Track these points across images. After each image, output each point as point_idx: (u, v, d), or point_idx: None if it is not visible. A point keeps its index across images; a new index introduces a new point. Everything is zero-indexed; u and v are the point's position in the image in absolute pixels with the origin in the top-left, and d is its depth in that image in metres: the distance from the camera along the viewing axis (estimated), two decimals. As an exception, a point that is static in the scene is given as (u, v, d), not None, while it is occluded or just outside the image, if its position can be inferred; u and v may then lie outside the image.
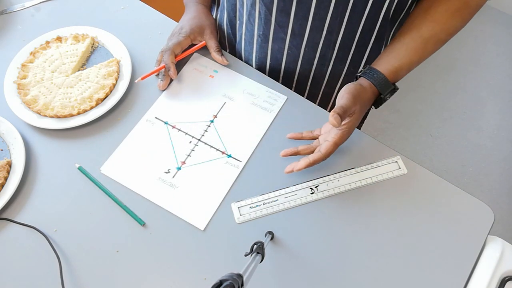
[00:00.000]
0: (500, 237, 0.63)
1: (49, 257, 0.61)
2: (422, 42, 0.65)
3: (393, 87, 0.65)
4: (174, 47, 0.74)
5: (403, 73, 0.66)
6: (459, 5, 0.63)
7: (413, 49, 0.65)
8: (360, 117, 0.64)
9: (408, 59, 0.65)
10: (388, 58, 0.66)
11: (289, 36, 0.71)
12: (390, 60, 0.65)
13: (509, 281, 0.59)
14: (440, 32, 0.64)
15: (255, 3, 0.69)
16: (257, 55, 0.79)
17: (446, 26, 0.64)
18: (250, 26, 0.74)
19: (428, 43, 0.65)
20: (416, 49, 0.65)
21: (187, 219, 0.64)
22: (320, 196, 0.66)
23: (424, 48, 0.65)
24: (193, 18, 0.77)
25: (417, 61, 0.66)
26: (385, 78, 0.65)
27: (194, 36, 0.76)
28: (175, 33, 0.76)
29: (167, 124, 0.72)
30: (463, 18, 0.65)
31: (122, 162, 0.69)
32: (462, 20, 0.65)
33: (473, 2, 0.63)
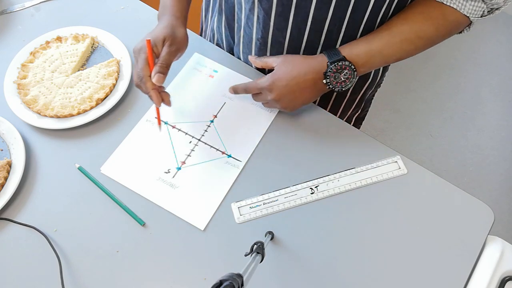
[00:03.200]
0: (500, 237, 0.63)
1: (49, 257, 0.61)
2: (388, 35, 0.65)
3: (342, 57, 0.64)
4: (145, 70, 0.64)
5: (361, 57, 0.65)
6: (436, 14, 0.63)
7: (376, 40, 0.65)
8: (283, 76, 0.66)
9: (367, 47, 0.65)
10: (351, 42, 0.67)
11: (287, 40, 0.71)
12: (350, 44, 0.66)
13: (509, 281, 0.59)
14: (408, 31, 0.64)
15: (253, 8, 0.68)
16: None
17: (415, 27, 0.64)
18: (248, 30, 0.74)
19: (394, 38, 0.64)
20: (380, 40, 0.65)
21: (187, 219, 0.64)
22: (320, 196, 0.66)
23: (388, 41, 0.64)
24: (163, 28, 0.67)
25: (379, 50, 0.65)
26: (337, 50, 0.65)
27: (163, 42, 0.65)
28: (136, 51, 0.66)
29: (167, 124, 0.72)
30: (437, 27, 0.64)
31: (122, 162, 0.69)
32: (435, 28, 0.64)
33: (451, 17, 0.63)
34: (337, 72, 0.65)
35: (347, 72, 0.65)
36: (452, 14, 0.62)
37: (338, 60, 0.64)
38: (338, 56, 0.65)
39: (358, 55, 0.65)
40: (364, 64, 0.66)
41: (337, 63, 0.64)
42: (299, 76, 0.66)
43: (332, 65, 0.64)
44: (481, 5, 0.61)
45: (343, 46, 0.66)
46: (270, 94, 0.67)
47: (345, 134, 0.72)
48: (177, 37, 0.66)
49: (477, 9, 0.61)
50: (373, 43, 0.65)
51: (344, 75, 0.65)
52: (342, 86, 0.66)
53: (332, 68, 0.64)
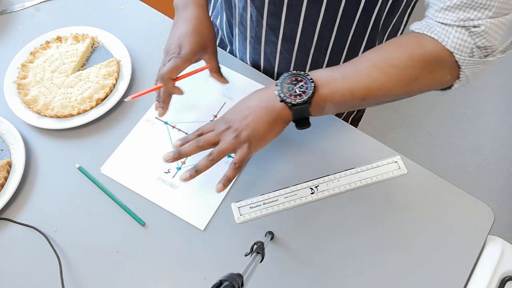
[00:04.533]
0: (500, 237, 0.63)
1: (49, 257, 0.61)
2: (355, 62, 0.57)
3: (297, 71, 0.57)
4: (171, 73, 0.63)
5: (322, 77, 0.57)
6: (410, 41, 0.55)
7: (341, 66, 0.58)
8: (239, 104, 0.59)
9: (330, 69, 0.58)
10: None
11: (280, 40, 0.71)
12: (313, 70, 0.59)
13: (509, 281, 0.59)
14: (377, 57, 0.56)
15: (246, 6, 0.69)
16: (251, 56, 0.79)
17: (385, 54, 0.55)
18: (242, 28, 0.74)
19: (361, 64, 0.56)
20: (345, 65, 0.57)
21: (187, 219, 0.64)
22: (320, 196, 0.66)
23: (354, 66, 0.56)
24: (193, 32, 0.65)
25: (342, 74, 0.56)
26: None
27: (195, 58, 0.65)
28: (172, 51, 0.64)
29: (167, 124, 0.72)
30: (412, 56, 0.54)
31: (122, 162, 0.69)
32: (410, 57, 0.54)
33: (428, 46, 0.53)
34: (291, 84, 0.56)
35: (303, 84, 0.56)
36: (430, 43, 0.53)
37: (292, 71, 0.57)
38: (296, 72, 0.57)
39: (319, 75, 0.57)
40: (325, 85, 0.56)
41: (291, 72, 0.57)
42: (250, 98, 0.59)
43: (286, 74, 0.57)
44: (467, 39, 0.51)
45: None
46: (221, 122, 0.59)
47: (345, 134, 0.72)
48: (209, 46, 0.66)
49: (462, 43, 0.51)
50: (337, 68, 0.58)
51: (299, 88, 0.56)
52: (296, 99, 0.55)
53: (285, 77, 0.57)
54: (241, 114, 0.58)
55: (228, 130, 0.57)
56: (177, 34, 0.65)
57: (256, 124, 0.57)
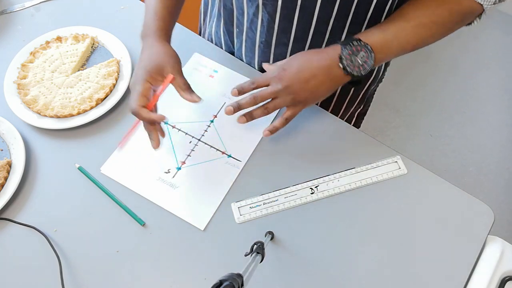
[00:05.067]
0: (500, 237, 0.63)
1: (49, 257, 0.61)
2: (402, 20, 0.62)
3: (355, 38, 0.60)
4: (138, 101, 0.60)
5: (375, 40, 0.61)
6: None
7: (390, 23, 0.62)
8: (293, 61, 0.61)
9: (382, 29, 0.62)
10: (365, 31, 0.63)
11: (291, 41, 0.71)
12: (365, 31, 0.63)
13: (509, 281, 0.59)
14: (422, 15, 0.61)
15: (257, 12, 0.68)
16: (259, 60, 0.78)
17: (429, 12, 0.61)
18: (251, 34, 0.74)
19: (409, 22, 0.61)
20: (393, 24, 0.62)
21: (187, 219, 0.64)
22: (320, 196, 0.66)
23: (403, 26, 0.61)
24: (147, 59, 0.63)
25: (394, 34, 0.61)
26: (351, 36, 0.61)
27: (152, 78, 0.62)
28: (133, 84, 0.63)
29: (167, 124, 0.72)
30: (451, 12, 0.61)
31: (122, 162, 0.69)
32: (449, 13, 0.61)
33: (465, 2, 0.60)
34: (353, 55, 0.59)
35: (364, 54, 0.60)
36: (466, 0, 0.60)
37: (352, 41, 0.60)
38: (351, 39, 0.60)
39: (373, 39, 0.61)
40: (381, 50, 0.61)
41: (351, 43, 0.60)
42: (311, 62, 0.61)
43: (347, 46, 0.60)
44: None
45: (356, 35, 0.62)
46: (280, 83, 0.60)
47: (345, 134, 0.72)
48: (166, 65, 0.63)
49: None
50: (387, 28, 0.62)
51: (361, 58, 0.60)
52: (360, 70, 0.60)
53: (347, 49, 0.59)
54: (302, 77, 0.61)
55: (286, 90, 0.61)
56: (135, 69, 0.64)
57: (317, 89, 0.61)
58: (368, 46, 0.60)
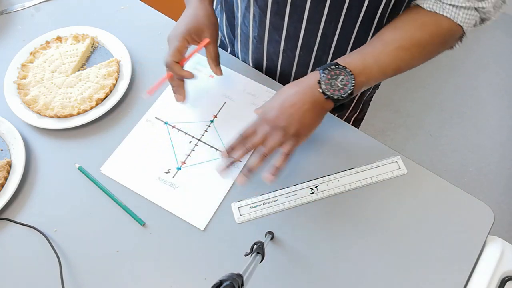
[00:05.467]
0: (500, 237, 0.63)
1: (49, 257, 0.61)
2: (381, 45, 0.62)
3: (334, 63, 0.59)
4: (173, 56, 0.65)
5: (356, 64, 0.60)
6: (429, 21, 0.61)
7: (370, 48, 0.62)
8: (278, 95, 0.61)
9: (361, 54, 0.62)
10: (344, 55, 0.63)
11: (283, 39, 0.71)
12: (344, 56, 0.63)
13: (509, 281, 0.59)
14: (401, 39, 0.61)
15: (249, 6, 0.69)
16: (253, 56, 0.79)
17: (408, 35, 0.61)
18: (244, 28, 0.75)
19: (388, 46, 0.61)
20: (373, 49, 0.62)
21: (187, 219, 0.64)
22: (320, 196, 0.66)
23: (382, 50, 0.61)
24: (190, 17, 0.67)
25: (374, 59, 0.61)
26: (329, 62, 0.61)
27: (191, 37, 0.66)
28: (172, 37, 0.67)
29: (167, 124, 0.72)
30: (431, 34, 0.61)
31: (122, 162, 0.69)
32: (429, 35, 0.61)
33: (445, 24, 0.60)
34: (332, 79, 0.59)
35: (343, 77, 0.59)
36: (446, 22, 0.60)
37: (330, 65, 0.60)
38: (330, 64, 0.60)
39: (353, 63, 0.60)
40: (361, 73, 0.60)
41: (330, 67, 0.59)
42: (291, 93, 0.60)
43: (325, 71, 0.59)
44: (474, 13, 0.59)
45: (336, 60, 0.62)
46: (265, 123, 0.60)
47: (345, 134, 0.72)
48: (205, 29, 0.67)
49: (470, 17, 0.59)
50: (367, 53, 0.62)
51: (340, 81, 0.59)
52: (341, 93, 0.59)
53: (326, 73, 0.59)
54: (286, 111, 0.59)
55: (275, 129, 0.60)
56: (177, 23, 0.69)
57: (303, 118, 0.60)
58: (347, 69, 0.59)
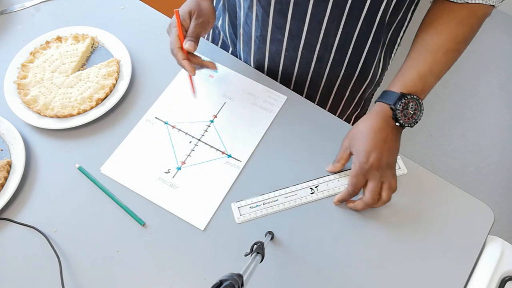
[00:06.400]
0: (500, 237, 0.63)
1: (49, 257, 0.61)
2: (430, 54, 0.63)
3: (400, 94, 0.62)
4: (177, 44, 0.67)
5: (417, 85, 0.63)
6: (465, 14, 0.62)
7: (421, 63, 0.63)
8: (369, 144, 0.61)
9: (416, 73, 0.63)
10: (397, 78, 0.65)
11: (286, 38, 0.71)
12: (397, 79, 0.64)
13: (509, 281, 0.59)
14: (447, 42, 0.63)
15: (252, 5, 0.69)
16: (255, 56, 0.79)
17: (452, 36, 0.63)
18: (247, 28, 0.75)
19: (437, 54, 0.63)
20: (425, 62, 0.63)
21: (187, 219, 0.64)
22: (320, 196, 0.66)
23: (433, 60, 0.63)
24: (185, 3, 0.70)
25: (429, 71, 0.63)
26: (391, 91, 0.63)
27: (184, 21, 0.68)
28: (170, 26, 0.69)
29: (167, 124, 0.72)
30: (471, 25, 0.63)
31: (122, 162, 0.69)
32: (470, 28, 0.63)
33: (480, 11, 0.62)
34: (404, 110, 0.62)
35: (413, 104, 0.62)
36: (480, 9, 0.61)
37: (399, 99, 0.62)
38: (396, 95, 0.62)
39: (414, 84, 0.63)
40: (423, 90, 0.63)
41: (400, 101, 0.62)
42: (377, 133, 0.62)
43: (397, 105, 0.61)
44: None
45: (392, 84, 0.64)
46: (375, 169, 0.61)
47: (345, 134, 0.72)
48: (202, 9, 0.69)
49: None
50: (420, 67, 0.63)
51: (411, 108, 0.62)
52: (414, 119, 0.63)
53: (398, 108, 0.62)
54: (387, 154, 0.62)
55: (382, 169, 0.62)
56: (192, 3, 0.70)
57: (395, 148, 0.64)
58: (415, 96, 0.62)
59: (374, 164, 0.61)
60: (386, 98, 0.63)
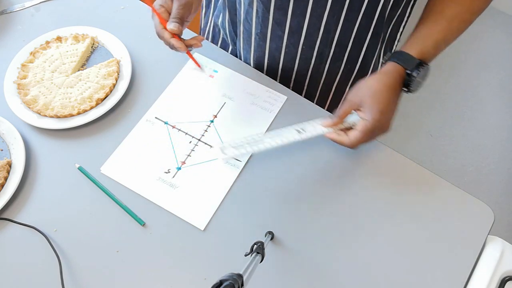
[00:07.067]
0: (500, 237, 0.63)
1: (49, 257, 0.61)
2: (446, 22, 0.64)
3: (419, 62, 0.62)
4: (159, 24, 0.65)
5: (430, 52, 0.64)
6: None
7: (437, 30, 0.64)
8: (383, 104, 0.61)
9: (433, 40, 0.64)
10: (412, 41, 0.65)
11: (286, 34, 0.71)
12: (414, 42, 0.64)
13: (509, 281, 0.59)
14: (463, 12, 0.64)
15: (252, 2, 0.69)
16: (255, 53, 0.79)
17: (469, 6, 0.64)
18: (247, 25, 0.75)
19: (452, 23, 0.64)
20: (440, 30, 0.64)
21: (187, 219, 0.64)
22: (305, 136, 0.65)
23: (449, 28, 0.64)
24: None
25: (443, 39, 0.65)
26: (408, 54, 0.63)
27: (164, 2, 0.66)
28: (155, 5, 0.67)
29: (167, 124, 0.72)
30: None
31: (122, 162, 0.69)
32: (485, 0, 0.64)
33: None
34: (418, 78, 0.63)
35: (425, 73, 0.64)
36: None
37: (417, 66, 0.62)
38: (415, 61, 0.62)
39: (429, 51, 0.64)
40: (433, 57, 0.65)
41: (418, 69, 0.62)
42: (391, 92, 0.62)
43: (414, 72, 0.62)
44: None
45: (409, 46, 0.64)
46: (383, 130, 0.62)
47: (345, 134, 0.72)
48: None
49: None
50: (436, 34, 0.64)
51: (423, 78, 0.64)
52: (419, 87, 0.65)
53: (416, 76, 0.62)
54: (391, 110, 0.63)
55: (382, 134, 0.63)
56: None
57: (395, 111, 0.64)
58: (428, 65, 0.64)
59: (384, 125, 0.61)
60: (403, 61, 0.63)
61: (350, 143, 0.62)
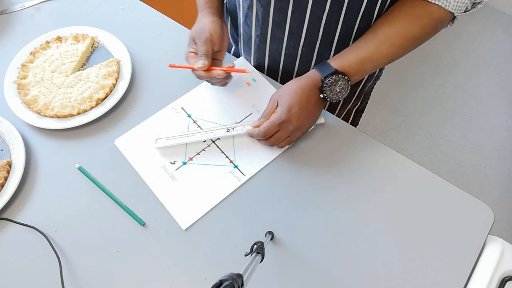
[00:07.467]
0: (500, 237, 0.63)
1: (49, 257, 0.61)
2: (376, 42, 0.65)
3: (334, 70, 0.65)
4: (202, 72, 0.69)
5: (352, 67, 0.66)
6: (421, 13, 0.63)
7: (365, 48, 0.66)
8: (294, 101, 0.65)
9: (358, 57, 0.66)
10: (339, 54, 0.67)
11: (286, 36, 0.72)
12: (339, 55, 0.67)
13: (509, 281, 0.59)
14: (394, 35, 0.65)
15: (252, 5, 0.69)
16: (255, 55, 0.79)
17: (401, 30, 0.64)
18: (246, 28, 0.75)
19: (382, 44, 0.65)
20: (369, 48, 0.65)
21: (173, 214, 0.64)
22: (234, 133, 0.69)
23: (377, 49, 0.65)
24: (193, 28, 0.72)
25: (369, 58, 0.65)
26: (328, 64, 0.66)
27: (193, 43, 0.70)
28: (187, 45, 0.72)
29: (190, 117, 0.73)
30: (423, 27, 0.64)
31: (135, 140, 0.70)
32: (421, 28, 0.64)
33: (435, 15, 0.63)
34: (332, 86, 0.65)
35: (341, 83, 0.65)
36: (437, 11, 0.62)
37: (331, 74, 0.65)
38: (330, 70, 0.65)
39: (350, 65, 0.66)
40: (356, 73, 0.66)
41: (331, 77, 0.65)
42: (304, 93, 0.65)
43: (327, 79, 0.65)
44: (465, 1, 0.61)
45: (333, 59, 0.67)
46: (291, 123, 0.65)
47: (344, 134, 0.72)
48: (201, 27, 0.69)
49: (461, 5, 0.61)
50: (362, 52, 0.66)
51: (339, 87, 0.66)
52: (338, 96, 0.67)
53: (327, 82, 0.65)
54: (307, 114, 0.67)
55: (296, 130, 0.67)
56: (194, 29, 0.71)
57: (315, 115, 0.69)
58: (346, 77, 0.65)
59: (292, 118, 0.64)
60: (321, 68, 0.66)
61: (259, 131, 0.66)
